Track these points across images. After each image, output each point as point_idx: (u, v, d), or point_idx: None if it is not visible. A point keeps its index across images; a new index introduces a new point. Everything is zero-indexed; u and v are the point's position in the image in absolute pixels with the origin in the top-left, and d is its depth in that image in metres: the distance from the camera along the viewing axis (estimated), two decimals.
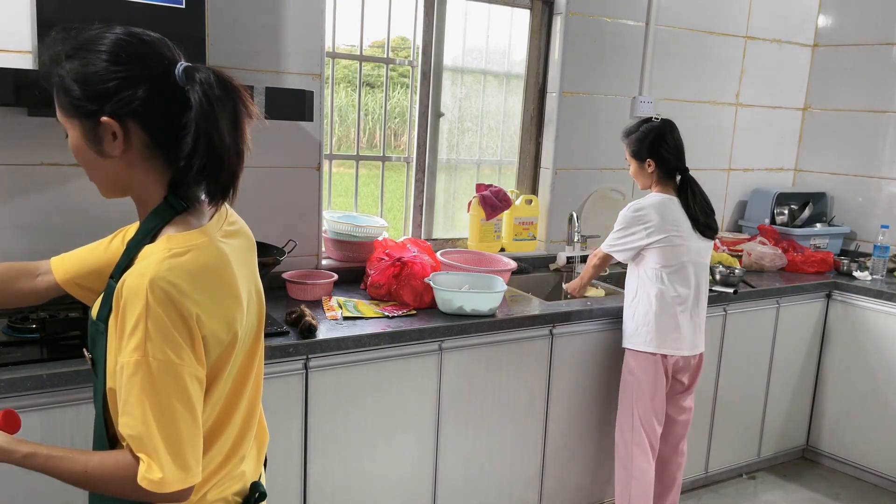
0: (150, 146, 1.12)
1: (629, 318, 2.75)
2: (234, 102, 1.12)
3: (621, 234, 2.72)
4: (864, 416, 3.56)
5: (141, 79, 1.08)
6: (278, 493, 2.25)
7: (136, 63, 1.09)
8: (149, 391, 1.05)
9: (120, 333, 1.07)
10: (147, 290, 1.04)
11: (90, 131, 1.10)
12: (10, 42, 2.18)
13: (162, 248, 1.09)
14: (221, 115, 1.09)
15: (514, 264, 3.02)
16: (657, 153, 2.69)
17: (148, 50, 1.11)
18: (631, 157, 2.76)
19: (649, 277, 2.67)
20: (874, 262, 3.66)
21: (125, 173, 1.14)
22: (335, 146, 3.18)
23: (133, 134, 1.10)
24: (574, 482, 2.94)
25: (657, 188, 2.74)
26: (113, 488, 1.11)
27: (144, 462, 1.06)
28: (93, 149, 1.12)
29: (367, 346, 2.32)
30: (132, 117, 1.09)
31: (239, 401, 1.24)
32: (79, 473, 1.10)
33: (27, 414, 1.81)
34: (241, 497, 1.27)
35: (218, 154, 1.10)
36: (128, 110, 1.08)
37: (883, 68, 3.98)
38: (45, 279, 1.39)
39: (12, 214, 2.29)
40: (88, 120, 1.09)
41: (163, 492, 1.07)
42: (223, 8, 2.52)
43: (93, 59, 1.08)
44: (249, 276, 1.26)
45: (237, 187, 1.15)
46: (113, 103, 1.08)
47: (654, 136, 2.69)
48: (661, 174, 2.71)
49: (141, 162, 1.13)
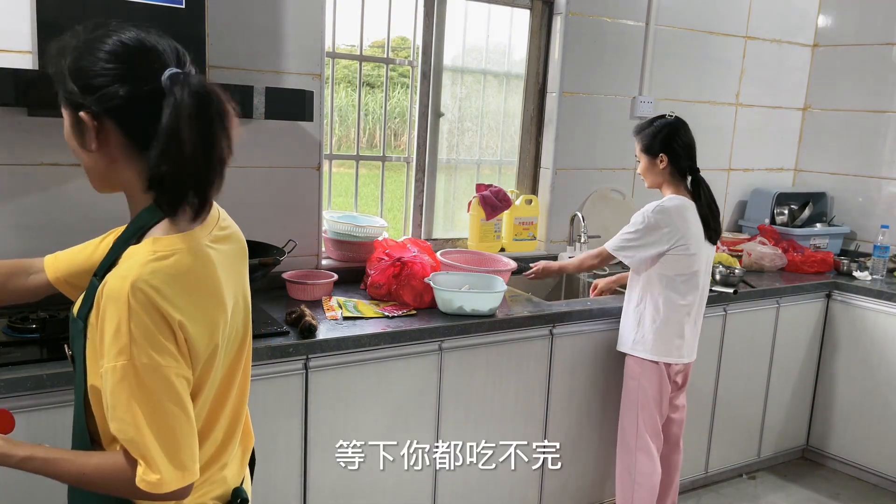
0: (129, 146, 1.12)
1: (632, 325, 2.68)
2: (211, 116, 1.09)
3: (637, 236, 2.59)
4: (864, 416, 3.55)
5: (125, 79, 1.09)
6: (278, 494, 2.25)
7: (126, 64, 1.09)
8: (138, 395, 1.05)
9: (101, 335, 1.06)
10: (129, 293, 1.03)
11: (76, 123, 1.12)
12: (10, 42, 2.18)
13: (146, 250, 1.09)
14: (190, 126, 1.07)
15: (514, 264, 3.00)
16: (671, 148, 2.60)
17: (143, 54, 1.11)
18: (642, 153, 2.66)
19: (659, 283, 2.60)
20: (874, 262, 3.66)
21: (108, 169, 1.15)
22: (335, 146, 3.18)
23: (109, 132, 1.11)
24: (574, 482, 2.94)
25: (669, 189, 2.64)
26: (112, 489, 1.11)
27: (141, 465, 1.06)
28: (77, 140, 1.14)
29: (367, 346, 2.32)
30: (109, 115, 1.10)
31: (222, 408, 1.23)
32: (76, 475, 1.11)
33: (27, 414, 1.82)
34: (223, 502, 1.26)
35: (181, 164, 1.08)
36: (107, 107, 1.09)
37: (883, 68, 3.98)
38: (38, 277, 1.40)
39: (12, 214, 2.29)
40: (75, 112, 1.12)
41: (161, 492, 1.07)
42: (223, 8, 2.52)
43: (90, 56, 1.09)
44: (237, 282, 1.25)
45: (210, 199, 1.13)
46: (95, 99, 1.09)
47: (668, 131, 2.62)
48: (672, 172, 2.63)
49: (124, 160, 1.13)
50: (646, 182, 2.71)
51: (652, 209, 2.58)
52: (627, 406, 2.73)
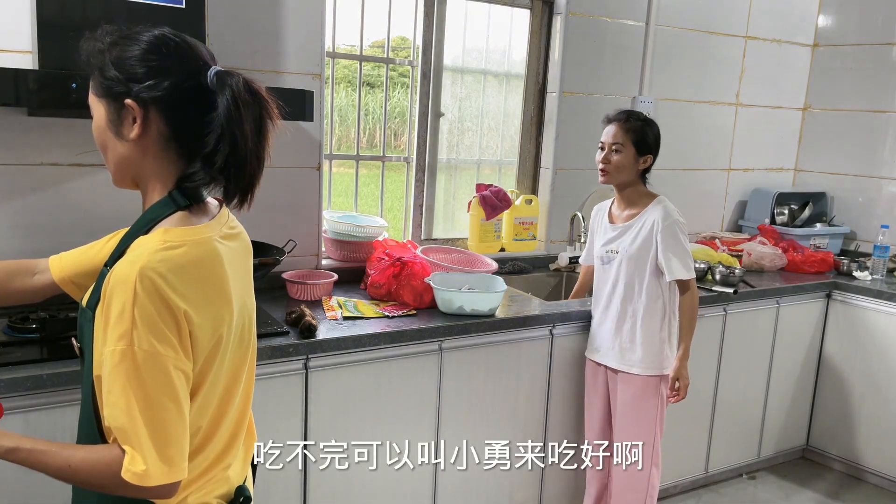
0: (167, 137, 1.15)
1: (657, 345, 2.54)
2: (261, 109, 1.15)
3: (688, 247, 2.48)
4: (864, 416, 3.55)
5: (170, 71, 1.12)
6: (278, 493, 2.25)
7: (170, 56, 1.13)
8: (134, 382, 1.04)
9: (105, 319, 1.06)
10: (136, 279, 1.04)
11: (114, 112, 1.14)
12: (10, 42, 2.18)
13: (156, 239, 1.10)
14: (247, 119, 1.13)
15: (495, 265, 2.91)
16: (658, 150, 2.55)
17: (185, 48, 1.15)
18: (631, 144, 2.49)
19: (669, 293, 2.52)
20: (874, 262, 3.66)
21: (139, 160, 1.16)
22: (335, 146, 3.18)
23: (153, 121, 1.13)
24: (574, 482, 2.94)
25: (639, 190, 2.55)
26: (97, 482, 1.10)
27: (128, 454, 1.05)
28: (112, 130, 1.15)
29: (367, 346, 2.32)
30: (155, 105, 1.12)
31: (228, 408, 1.23)
32: (63, 468, 1.10)
33: (27, 414, 1.82)
34: (226, 500, 1.26)
35: (240, 156, 1.13)
36: (152, 97, 1.12)
37: (883, 68, 3.98)
38: (43, 277, 1.40)
39: (12, 214, 2.29)
40: (115, 101, 1.13)
41: (146, 485, 1.05)
42: (223, 8, 2.52)
43: (132, 47, 1.13)
44: (243, 281, 1.26)
45: (254, 193, 1.19)
46: (139, 88, 1.11)
47: (657, 131, 2.55)
48: (643, 174, 2.55)
49: (156, 152, 1.15)
50: (618, 177, 2.52)
51: (676, 220, 2.49)
52: (648, 423, 2.58)
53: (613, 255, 2.59)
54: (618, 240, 2.58)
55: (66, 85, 1.85)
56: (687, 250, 2.50)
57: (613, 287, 2.60)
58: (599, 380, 2.70)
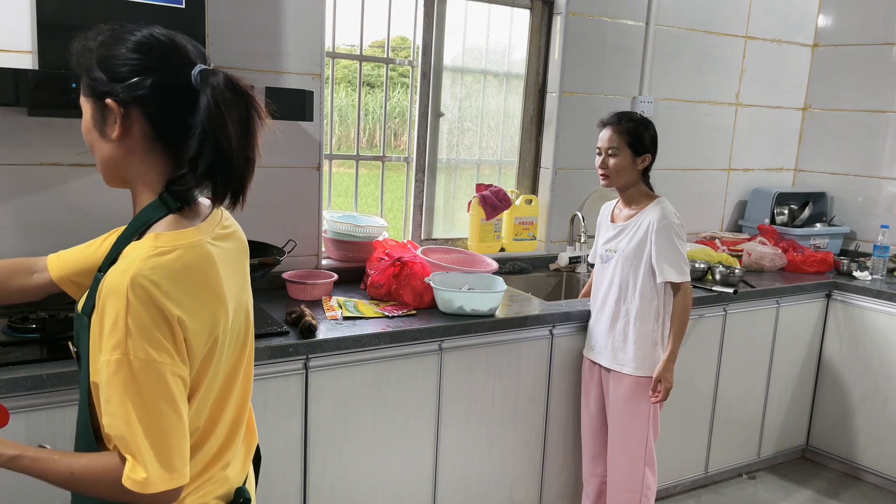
0: (151, 138, 1.13)
1: (649, 346, 2.53)
2: (246, 107, 1.13)
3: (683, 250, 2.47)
4: (864, 416, 3.56)
5: (153, 70, 1.11)
6: (278, 493, 2.25)
7: (154, 56, 1.12)
8: (131, 390, 1.04)
9: (99, 329, 1.06)
10: (128, 287, 1.03)
11: (98, 112, 1.14)
12: (10, 42, 2.18)
13: (147, 245, 1.09)
14: (230, 119, 1.10)
15: (495, 265, 2.91)
16: (656, 149, 2.54)
17: (171, 47, 1.14)
18: (627, 146, 2.48)
19: (665, 295, 2.52)
20: (874, 262, 3.66)
21: (124, 160, 1.15)
22: (335, 146, 3.18)
23: (135, 121, 1.12)
24: (574, 482, 2.94)
25: (641, 190, 2.55)
26: (100, 490, 1.10)
27: (129, 462, 1.05)
28: (97, 129, 1.15)
29: (367, 346, 2.32)
30: (137, 104, 1.11)
31: (225, 407, 1.23)
32: (65, 476, 1.10)
33: (27, 414, 1.82)
34: (225, 502, 1.25)
35: (225, 157, 1.11)
36: (134, 96, 1.10)
37: (883, 68, 3.98)
38: (41, 276, 1.40)
39: (12, 214, 2.29)
40: (99, 100, 1.13)
41: (147, 492, 1.05)
42: (223, 8, 2.52)
43: (117, 46, 1.12)
44: (238, 280, 1.25)
45: (245, 194, 1.16)
46: (121, 87, 1.10)
47: (654, 131, 2.54)
48: (642, 174, 2.54)
49: (142, 152, 1.14)
50: (618, 179, 2.52)
51: (671, 221, 2.47)
52: (640, 424, 2.58)
53: (612, 254, 2.59)
54: (616, 239, 2.59)
55: (66, 85, 1.85)
56: (681, 253, 2.49)
57: (609, 286, 2.61)
58: (594, 378, 2.71)
